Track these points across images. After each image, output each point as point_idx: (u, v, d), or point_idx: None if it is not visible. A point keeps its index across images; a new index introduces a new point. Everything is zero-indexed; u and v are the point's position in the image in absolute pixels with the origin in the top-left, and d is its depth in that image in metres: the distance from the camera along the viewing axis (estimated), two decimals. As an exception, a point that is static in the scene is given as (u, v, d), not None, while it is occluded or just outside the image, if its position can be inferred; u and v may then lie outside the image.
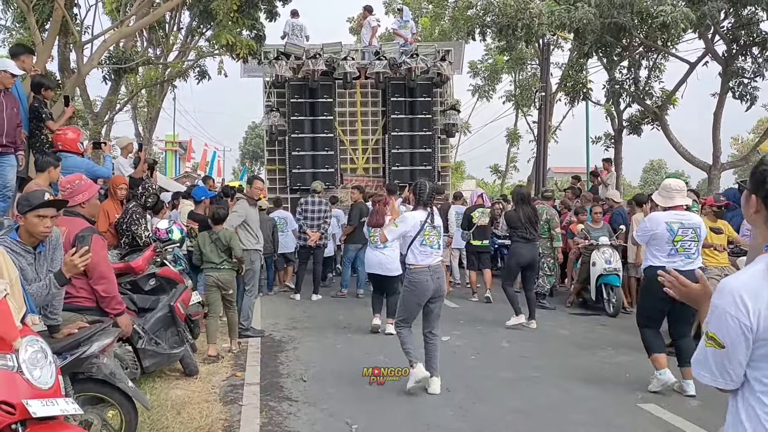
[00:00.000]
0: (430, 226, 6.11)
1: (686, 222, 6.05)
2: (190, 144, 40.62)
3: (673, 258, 5.93)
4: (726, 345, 1.83)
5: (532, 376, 6.86)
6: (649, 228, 6.15)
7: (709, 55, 14.69)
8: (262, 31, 13.83)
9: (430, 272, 6.07)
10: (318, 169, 15.74)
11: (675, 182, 6.28)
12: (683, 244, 6.01)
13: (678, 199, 6.11)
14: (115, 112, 16.29)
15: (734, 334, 1.80)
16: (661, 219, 6.09)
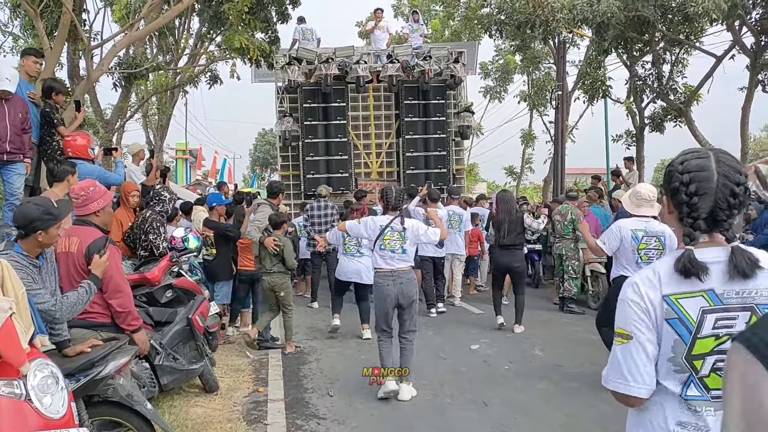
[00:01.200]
0: (391, 231, 6.15)
1: (650, 230, 5.84)
2: (200, 152, 40.49)
3: (638, 267, 5.66)
4: (632, 333, 1.85)
5: (571, 386, 6.47)
6: (616, 236, 5.90)
7: (737, 47, 14.25)
8: (275, 33, 13.49)
9: (392, 277, 6.12)
10: (332, 174, 15.52)
11: (646, 190, 6.00)
12: (647, 252, 5.82)
13: (644, 209, 5.90)
14: (126, 120, 16.03)
15: (637, 318, 1.84)
16: (627, 225, 5.90)
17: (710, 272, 1.80)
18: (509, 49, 26.18)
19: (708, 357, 1.81)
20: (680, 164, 1.90)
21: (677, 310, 1.81)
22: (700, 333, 1.80)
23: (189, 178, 35.68)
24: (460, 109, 16.45)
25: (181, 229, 7.10)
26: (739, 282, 1.79)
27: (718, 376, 1.80)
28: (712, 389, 1.82)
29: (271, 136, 64.71)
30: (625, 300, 1.88)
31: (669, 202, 1.93)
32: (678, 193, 1.88)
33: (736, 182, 1.83)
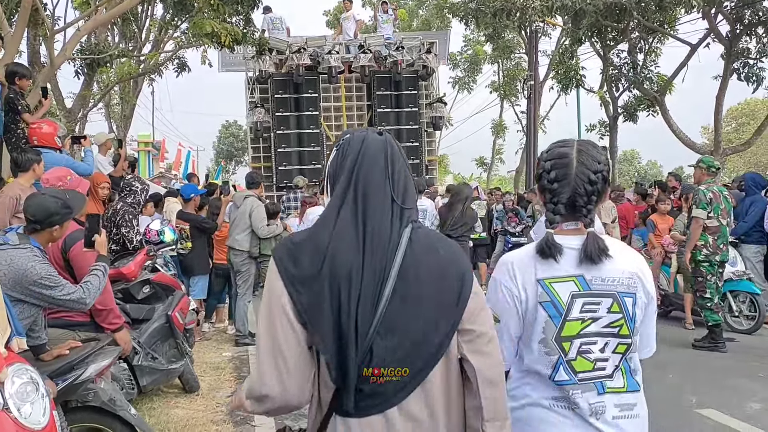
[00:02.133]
0: None
1: None
2: (163, 144, 39.49)
3: None
4: (500, 318, 1.93)
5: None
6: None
7: (711, 36, 14.23)
8: (247, 15, 13.05)
9: None
10: (305, 165, 15.32)
11: None
12: None
13: None
14: (89, 109, 15.39)
15: (506, 304, 1.94)
16: None
17: (566, 256, 1.92)
18: (480, 39, 26.12)
19: (575, 340, 1.91)
20: (546, 152, 2.04)
21: (550, 293, 1.90)
22: (569, 316, 1.90)
23: (152, 170, 34.81)
24: (433, 99, 16.35)
25: (157, 222, 6.75)
26: (597, 268, 1.90)
27: (584, 360, 1.91)
28: (578, 372, 1.92)
29: (235, 128, 63.87)
30: (498, 282, 1.98)
31: (538, 190, 2.06)
32: (541, 179, 2.01)
33: (594, 170, 1.93)
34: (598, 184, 1.95)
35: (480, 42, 29.15)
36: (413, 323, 1.59)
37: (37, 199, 3.64)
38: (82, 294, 3.58)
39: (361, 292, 1.56)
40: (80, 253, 4.04)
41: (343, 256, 1.57)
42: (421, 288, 1.60)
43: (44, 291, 3.40)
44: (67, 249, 4.03)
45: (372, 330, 1.57)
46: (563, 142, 2.04)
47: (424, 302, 1.60)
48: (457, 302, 1.62)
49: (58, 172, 4.72)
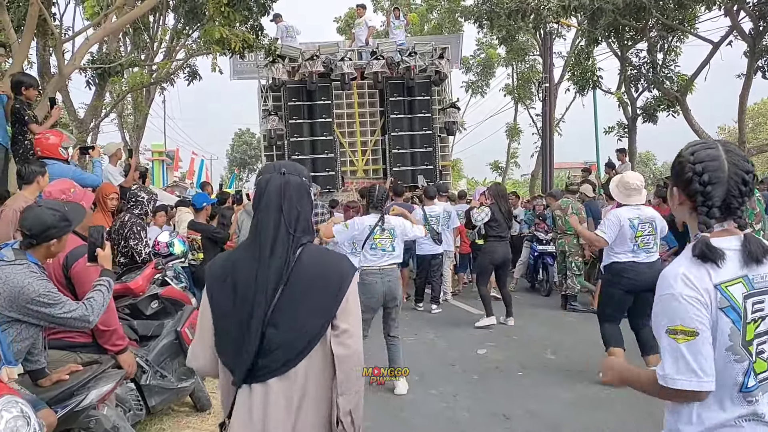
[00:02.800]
0: (380, 229, 6.21)
1: (643, 216, 6.09)
2: (177, 153, 39.53)
3: (636, 254, 6.03)
4: (697, 330, 1.83)
5: (598, 396, 5.96)
6: (617, 224, 6.06)
7: (734, 33, 13.84)
8: (258, 21, 12.89)
9: (380, 274, 6.15)
10: (318, 172, 15.19)
11: (634, 179, 6.13)
12: (643, 239, 6.05)
13: (635, 198, 6.11)
14: (101, 119, 15.28)
15: (698, 313, 1.84)
16: (623, 215, 6.07)
17: (727, 258, 1.87)
18: (493, 42, 25.86)
19: (754, 341, 1.87)
20: (691, 155, 1.95)
21: (728, 298, 1.85)
22: (746, 318, 1.85)
23: (166, 180, 34.85)
24: (446, 104, 16.22)
25: (166, 233, 6.54)
26: (755, 267, 1.88)
27: (760, 360, 1.88)
28: (759, 373, 1.88)
29: (248, 136, 63.97)
30: (677, 295, 1.86)
31: (680, 194, 1.98)
32: (692, 183, 1.93)
33: (746, 170, 1.91)
34: (750, 184, 1.93)
35: (493, 45, 28.91)
36: (298, 316, 2.15)
37: (33, 212, 3.42)
38: (84, 311, 3.35)
39: (254, 299, 2.13)
40: (83, 270, 3.81)
41: (242, 275, 2.18)
42: (307, 289, 2.17)
43: (43, 309, 3.19)
44: (69, 266, 3.81)
45: (264, 322, 2.13)
46: (704, 143, 2.00)
47: (309, 299, 2.16)
48: (335, 298, 2.18)
49: (62, 184, 4.51)
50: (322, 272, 2.20)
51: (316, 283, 2.18)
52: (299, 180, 2.30)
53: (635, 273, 5.98)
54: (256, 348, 2.11)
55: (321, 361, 2.18)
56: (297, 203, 2.25)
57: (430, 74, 15.58)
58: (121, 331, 4.05)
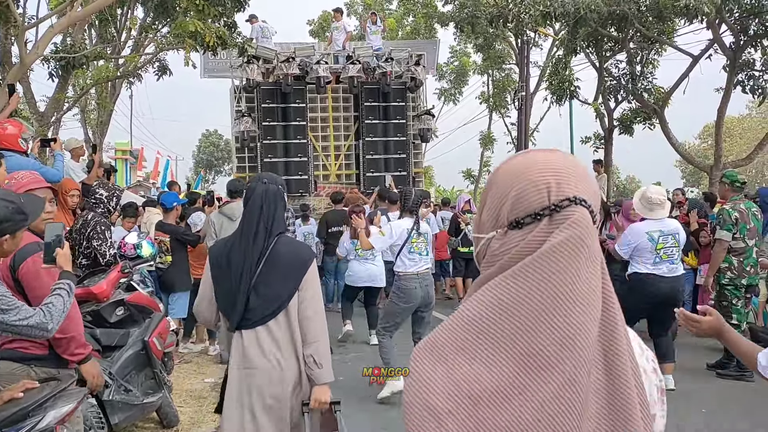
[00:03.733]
0: (416, 233, 6.23)
1: (665, 229, 6.19)
2: (141, 152, 38.64)
3: (658, 266, 6.16)
4: None
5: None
6: (631, 241, 6.26)
7: (714, 47, 13.76)
8: (232, 18, 12.46)
9: (418, 279, 6.20)
10: (291, 176, 14.85)
11: (656, 194, 6.27)
12: (666, 251, 6.15)
13: (657, 212, 6.21)
14: (63, 113, 14.59)
15: None
16: (641, 230, 6.23)
17: None
18: (467, 50, 25.75)
19: None
20: None
21: None
22: None
23: (129, 179, 34.02)
24: (420, 111, 16.15)
25: (134, 234, 6.06)
26: None
27: None
28: None
29: (215, 137, 63.08)
30: None
31: None
32: None
33: None
34: None
35: (467, 53, 28.83)
36: (272, 285, 3.10)
37: (-17, 204, 2.95)
38: (42, 318, 2.89)
39: (242, 272, 3.09)
40: (33, 271, 3.29)
41: (234, 256, 3.14)
42: (279, 266, 3.11)
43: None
44: (17, 266, 3.30)
45: (249, 288, 3.09)
46: None
47: (281, 274, 3.11)
48: (300, 273, 3.12)
49: (22, 175, 4.05)
50: (291, 256, 3.16)
51: (286, 262, 3.13)
52: (276, 188, 3.23)
53: (653, 285, 6.14)
54: (243, 306, 3.08)
55: (293, 318, 3.10)
56: (273, 205, 3.17)
57: (405, 81, 15.50)
58: (82, 338, 3.55)
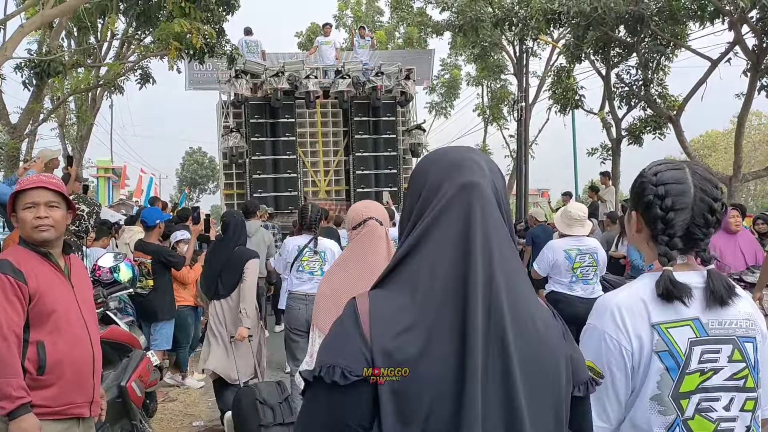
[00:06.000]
0: (310, 251, 5.88)
1: (583, 248, 6.05)
2: (124, 170, 37.70)
3: (572, 286, 6.04)
4: (605, 374, 1.67)
5: None
6: (550, 258, 6.10)
7: (733, 50, 13.06)
8: (220, 24, 11.71)
9: (305, 301, 5.70)
10: (281, 192, 14.61)
11: (576, 210, 6.14)
12: (582, 270, 6.02)
13: (576, 229, 6.07)
14: (38, 124, 13.69)
15: (614, 359, 1.68)
16: (559, 247, 6.09)
17: (693, 297, 1.68)
18: (461, 61, 25.22)
19: (693, 396, 1.65)
20: (653, 176, 1.76)
21: (668, 341, 1.66)
22: (688, 368, 1.65)
23: (111, 197, 33.12)
24: (411, 126, 15.90)
25: (109, 256, 5.18)
26: (716, 311, 1.67)
27: (702, 419, 1.65)
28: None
29: (199, 154, 62.24)
30: (601, 331, 1.71)
31: (639, 219, 1.79)
32: (652, 207, 1.73)
33: (714, 197, 1.71)
34: (719, 213, 1.70)
35: (457, 66, 28.32)
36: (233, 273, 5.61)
37: None
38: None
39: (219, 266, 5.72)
40: None
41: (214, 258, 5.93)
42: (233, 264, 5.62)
43: None
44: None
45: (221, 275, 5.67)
46: (668, 163, 1.78)
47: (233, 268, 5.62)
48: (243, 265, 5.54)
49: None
50: (240, 256, 5.43)
51: (238, 261, 5.40)
52: (240, 219, 5.78)
53: (567, 305, 5.88)
54: (215, 287, 5.48)
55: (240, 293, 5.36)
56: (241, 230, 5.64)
57: (395, 95, 15.28)
58: (18, 380, 2.64)
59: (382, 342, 1.21)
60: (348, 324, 1.25)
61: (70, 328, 2.77)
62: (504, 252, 1.24)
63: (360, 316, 1.24)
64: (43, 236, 2.73)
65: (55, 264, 2.80)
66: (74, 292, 2.85)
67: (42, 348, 2.67)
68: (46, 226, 2.72)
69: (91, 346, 2.87)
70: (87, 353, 2.84)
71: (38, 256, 2.76)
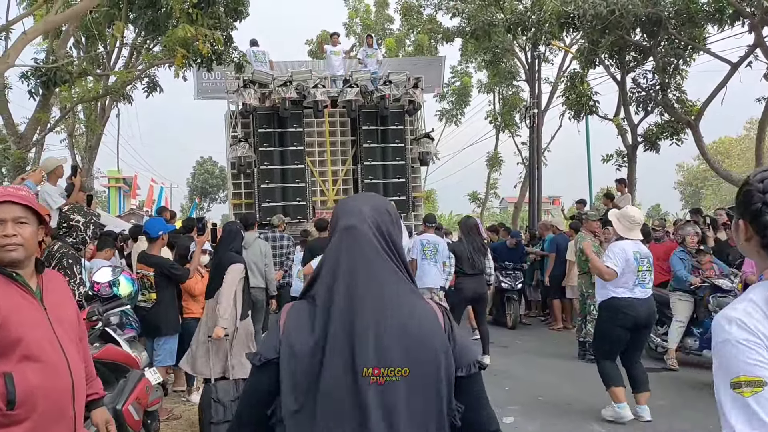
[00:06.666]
0: None
1: (642, 251, 6.13)
2: (135, 180, 37.79)
3: (633, 290, 6.01)
4: (764, 378, 1.52)
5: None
6: (623, 257, 5.98)
7: (754, 52, 12.71)
8: (227, 31, 11.54)
9: None
10: (289, 201, 14.55)
11: (638, 214, 6.24)
12: (643, 274, 6.04)
13: (636, 233, 6.13)
14: (46, 132, 13.55)
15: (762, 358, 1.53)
16: (627, 248, 6.03)
17: None
18: (471, 68, 25.01)
19: None
20: (759, 182, 1.68)
21: None
22: None
23: (123, 207, 33.15)
24: (420, 135, 15.70)
25: (107, 270, 4.95)
26: None
27: None
28: None
29: (210, 164, 62.32)
30: (733, 341, 1.58)
31: (747, 228, 1.69)
32: (761, 216, 1.65)
33: None
34: None
35: (468, 73, 28.06)
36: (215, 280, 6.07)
37: None
38: None
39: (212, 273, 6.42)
40: None
41: None
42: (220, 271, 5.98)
43: None
44: None
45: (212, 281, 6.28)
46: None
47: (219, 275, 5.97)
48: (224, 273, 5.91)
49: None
50: (225, 262, 5.81)
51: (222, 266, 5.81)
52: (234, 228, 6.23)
53: (634, 309, 5.94)
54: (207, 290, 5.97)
55: None
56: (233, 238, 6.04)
57: (403, 104, 15.15)
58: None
59: (289, 338, 1.70)
60: (274, 326, 1.77)
61: (43, 355, 2.46)
62: (376, 273, 1.71)
63: (280, 319, 1.76)
64: (11, 256, 2.46)
65: (23, 285, 2.52)
66: (47, 314, 2.54)
67: (10, 380, 2.39)
68: (14, 245, 2.45)
69: (69, 373, 2.54)
70: (65, 381, 2.52)
71: (2, 277, 2.48)
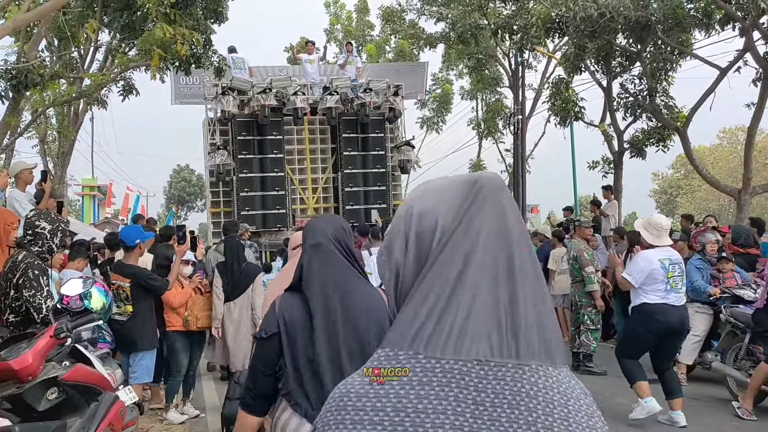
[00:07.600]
0: None
1: (673, 258, 6.16)
2: (110, 188, 37.07)
3: (667, 295, 6.03)
4: None
5: None
6: (644, 268, 6.09)
7: (743, 58, 12.62)
8: (207, 34, 11.17)
9: None
10: (268, 210, 14.43)
11: (665, 221, 6.35)
12: (674, 280, 6.06)
13: (665, 239, 6.21)
14: (15, 137, 13.03)
15: None
16: (654, 257, 6.09)
17: None
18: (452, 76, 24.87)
19: None
20: None
21: None
22: None
23: (97, 216, 32.43)
24: (400, 142, 15.68)
25: (77, 281, 4.56)
26: None
27: None
28: None
29: (187, 172, 61.48)
30: None
31: None
32: None
33: None
34: None
35: (449, 80, 27.94)
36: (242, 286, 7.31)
37: None
38: None
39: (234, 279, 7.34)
40: None
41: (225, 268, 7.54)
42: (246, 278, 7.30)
43: None
44: None
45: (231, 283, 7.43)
46: None
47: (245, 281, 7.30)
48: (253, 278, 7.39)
49: None
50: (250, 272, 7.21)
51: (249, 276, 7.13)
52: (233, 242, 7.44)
53: (665, 315, 5.97)
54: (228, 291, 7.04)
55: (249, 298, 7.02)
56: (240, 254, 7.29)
57: (384, 111, 15.12)
58: None
59: (285, 315, 2.36)
60: (271, 308, 2.43)
61: None
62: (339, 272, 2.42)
63: (275, 306, 2.41)
64: None
65: None
66: None
67: None
68: None
69: None
70: None
71: None
